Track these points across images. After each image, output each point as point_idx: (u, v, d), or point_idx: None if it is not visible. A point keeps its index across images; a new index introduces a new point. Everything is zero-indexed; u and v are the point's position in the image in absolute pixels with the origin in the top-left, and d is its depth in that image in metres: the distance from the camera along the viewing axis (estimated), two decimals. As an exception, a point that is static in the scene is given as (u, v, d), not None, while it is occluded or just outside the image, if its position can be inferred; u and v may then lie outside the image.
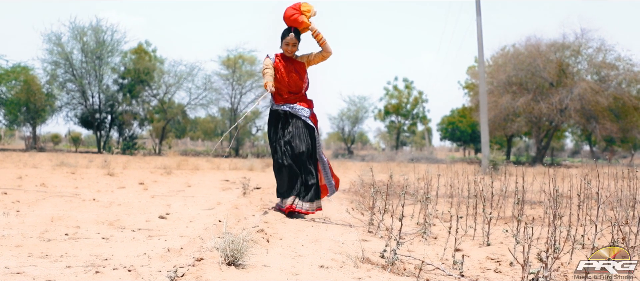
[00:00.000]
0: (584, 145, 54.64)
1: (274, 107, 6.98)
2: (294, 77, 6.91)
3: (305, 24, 6.83)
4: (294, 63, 6.98)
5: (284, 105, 6.90)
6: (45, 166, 17.05)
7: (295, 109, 6.90)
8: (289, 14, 6.87)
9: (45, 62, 36.54)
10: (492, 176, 8.35)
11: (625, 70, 32.81)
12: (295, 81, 6.91)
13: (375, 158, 37.62)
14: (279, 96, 6.98)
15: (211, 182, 13.28)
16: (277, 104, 6.95)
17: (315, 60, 6.99)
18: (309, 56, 7.03)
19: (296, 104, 6.92)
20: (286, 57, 7.00)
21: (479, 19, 24.72)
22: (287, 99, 6.93)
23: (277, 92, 6.97)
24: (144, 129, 43.18)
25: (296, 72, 6.94)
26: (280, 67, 6.94)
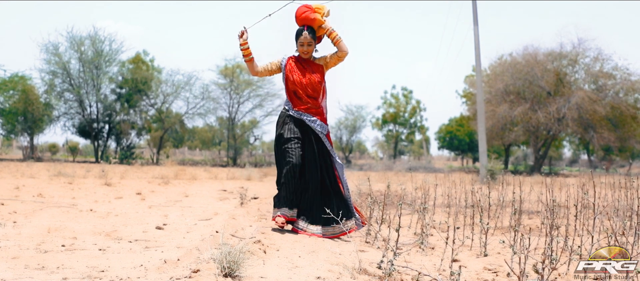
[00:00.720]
0: (581, 154, 54.69)
1: (291, 112, 6.29)
2: (312, 78, 6.31)
3: (319, 21, 6.28)
4: (311, 64, 6.40)
5: (304, 114, 6.25)
6: (43, 176, 17.03)
7: (314, 123, 6.24)
8: (301, 12, 6.35)
9: (42, 72, 36.56)
10: (489, 185, 8.35)
11: (623, 79, 32.87)
12: (313, 83, 6.29)
13: (373, 167, 37.62)
14: (298, 99, 6.32)
15: (208, 192, 13.27)
16: (296, 110, 6.28)
17: (332, 62, 6.41)
18: (326, 58, 6.43)
19: (316, 118, 6.28)
20: (302, 59, 6.41)
21: (476, 29, 24.76)
22: (308, 108, 6.27)
23: (295, 95, 6.33)
24: (141, 138, 43.16)
25: (313, 72, 6.35)
26: (294, 68, 6.35)
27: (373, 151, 65.82)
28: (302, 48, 6.30)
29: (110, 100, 38.56)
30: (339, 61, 6.40)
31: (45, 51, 35.92)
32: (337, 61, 6.40)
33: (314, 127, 6.23)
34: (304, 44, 6.28)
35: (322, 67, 6.40)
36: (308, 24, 6.31)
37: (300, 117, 6.23)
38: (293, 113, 6.27)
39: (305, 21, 6.31)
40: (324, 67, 6.41)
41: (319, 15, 6.31)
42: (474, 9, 24.79)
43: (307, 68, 6.35)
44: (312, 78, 6.30)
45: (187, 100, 40.32)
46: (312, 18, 6.29)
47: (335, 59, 6.38)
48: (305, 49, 6.30)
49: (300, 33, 6.30)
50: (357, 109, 50.92)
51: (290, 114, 6.30)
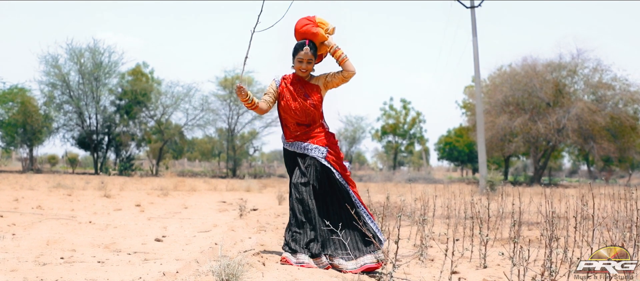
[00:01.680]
0: (581, 165, 54.68)
1: (285, 145, 5.66)
2: (303, 104, 5.52)
3: (322, 36, 5.55)
4: (305, 86, 5.62)
5: (293, 144, 5.57)
6: (42, 188, 17.02)
7: (307, 149, 5.50)
8: (302, 25, 5.60)
9: (42, 84, 36.57)
10: (489, 196, 8.34)
11: (622, 90, 32.91)
12: (304, 109, 5.51)
13: (372, 178, 37.61)
14: (287, 129, 5.64)
15: (208, 203, 13.26)
16: (288, 141, 5.62)
17: (334, 82, 5.60)
18: (325, 77, 5.64)
19: (308, 143, 5.52)
20: (297, 79, 5.64)
21: (475, 40, 24.82)
22: (297, 136, 5.55)
23: (284, 125, 5.66)
24: (141, 150, 43.14)
25: (306, 96, 5.57)
26: (286, 92, 5.60)
27: (372, 162, 65.84)
28: (301, 65, 5.53)
29: (110, 112, 38.58)
30: (344, 81, 5.61)
31: (44, 62, 35.97)
32: (341, 82, 5.61)
33: (310, 154, 5.49)
34: (304, 60, 5.52)
35: (319, 89, 5.64)
36: (309, 38, 5.58)
37: (292, 148, 5.57)
38: (286, 146, 5.65)
39: (306, 35, 5.58)
40: (321, 89, 5.64)
41: (322, 30, 5.57)
42: (473, 20, 24.86)
43: (301, 91, 5.60)
44: (305, 103, 5.53)
45: (186, 111, 40.34)
46: (314, 32, 5.56)
47: (340, 80, 5.58)
48: (304, 67, 5.54)
49: (300, 48, 5.54)
50: (356, 120, 50.89)
51: (284, 148, 5.71)
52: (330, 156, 5.54)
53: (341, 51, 5.55)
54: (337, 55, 5.54)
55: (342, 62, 5.54)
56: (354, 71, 5.57)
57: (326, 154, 5.51)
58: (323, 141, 5.56)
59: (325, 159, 5.49)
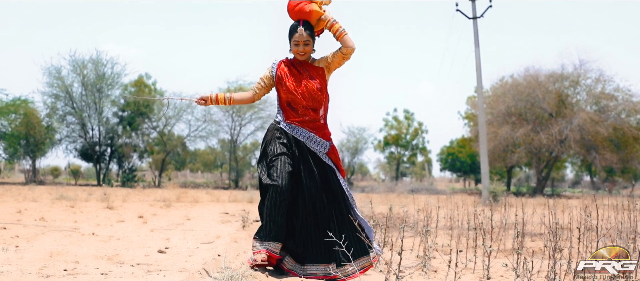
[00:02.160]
0: (584, 175, 54.63)
1: (283, 124, 5.18)
2: (310, 84, 5.15)
3: (317, 12, 5.15)
4: (309, 68, 5.24)
5: (296, 129, 5.12)
6: (45, 199, 17.02)
7: (311, 140, 5.12)
8: (294, 5, 5.20)
9: (45, 96, 36.68)
10: (492, 207, 8.33)
11: (624, 100, 32.90)
12: (311, 91, 5.13)
13: (375, 189, 37.58)
14: (292, 111, 5.20)
15: (210, 215, 13.25)
16: (289, 122, 5.16)
17: (335, 61, 5.21)
18: (326, 59, 5.26)
19: (313, 133, 5.13)
20: (298, 62, 5.27)
21: (477, 50, 24.85)
22: (304, 120, 5.13)
23: (289, 107, 5.21)
24: (143, 161, 43.19)
25: (312, 78, 5.19)
26: (287, 74, 5.22)
27: (375, 173, 65.81)
28: (297, 48, 5.18)
29: (113, 123, 38.66)
30: (344, 59, 5.21)
31: (47, 74, 36.08)
32: (342, 60, 5.21)
33: (310, 146, 5.10)
34: (300, 43, 5.15)
35: (323, 71, 5.27)
36: (303, 18, 5.19)
37: (293, 133, 5.12)
38: (284, 126, 5.16)
39: (299, 15, 5.19)
40: (325, 71, 5.28)
41: (316, 6, 5.19)
42: (475, 31, 24.89)
43: (304, 73, 5.22)
44: (310, 85, 5.16)
45: (189, 123, 40.43)
46: (308, 10, 5.16)
47: (340, 58, 5.20)
48: (301, 49, 5.18)
49: (294, 29, 5.19)
50: (359, 131, 50.94)
51: (280, 127, 5.19)
52: (332, 154, 5.20)
53: (339, 25, 5.15)
54: (334, 29, 5.15)
55: (340, 37, 5.15)
56: (353, 46, 5.17)
57: (328, 149, 5.17)
58: (328, 135, 5.24)
59: (328, 155, 5.16)
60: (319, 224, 5.00)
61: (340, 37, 5.13)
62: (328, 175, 5.11)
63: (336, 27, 5.13)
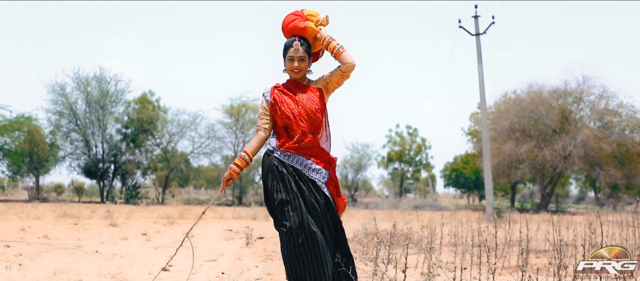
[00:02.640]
0: (588, 192, 54.47)
1: (277, 153, 4.75)
2: (308, 106, 4.74)
3: (312, 29, 4.87)
4: (305, 90, 4.85)
5: (293, 156, 4.70)
6: (48, 217, 17.02)
7: (309, 169, 4.70)
8: (288, 21, 4.93)
9: (49, 113, 36.72)
10: (496, 224, 8.30)
11: (628, 116, 32.86)
12: (309, 113, 4.72)
13: (379, 205, 37.50)
14: (288, 137, 4.77)
15: (214, 232, 13.24)
16: (283, 149, 4.73)
17: (334, 80, 4.84)
18: (324, 79, 4.90)
19: (311, 161, 4.71)
20: (293, 84, 4.89)
21: (480, 66, 24.88)
22: (299, 146, 4.70)
23: (286, 132, 4.79)
24: (147, 178, 43.14)
25: (309, 99, 4.78)
26: (281, 98, 4.82)
27: (379, 189, 65.65)
28: (292, 64, 4.80)
29: (116, 140, 38.67)
30: (344, 77, 4.84)
31: (51, 91, 36.13)
32: (342, 78, 4.85)
33: (309, 175, 4.68)
34: (295, 58, 4.79)
35: (321, 92, 4.88)
36: (298, 34, 4.89)
37: (288, 161, 4.71)
38: (278, 155, 4.73)
39: (294, 32, 4.89)
40: (323, 92, 4.89)
41: (311, 23, 4.91)
42: (478, 47, 24.94)
43: (300, 94, 4.83)
44: (308, 106, 4.74)
45: (192, 139, 40.41)
46: (303, 26, 4.88)
47: (339, 76, 4.83)
48: (297, 66, 4.80)
49: (289, 45, 4.83)
50: (362, 147, 50.86)
51: (275, 156, 4.75)
52: (331, 184, 4.78)
53: (336, 42, 4.80)
54: (330, 47, 4.80)
55: (338, 55, 4.78)
56: (353, 63, 4.77)
57: (327, 179, 4.73)
58: (326, 161, 4.81)
59: (327, 185, 4.72)
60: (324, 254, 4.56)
61: (338, 54, 4.77)
62: (328, 206, 4.67)
63: (333, 44, 4.79)
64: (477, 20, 24.96)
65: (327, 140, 4.91)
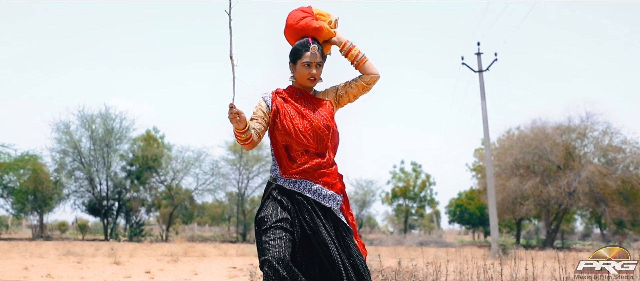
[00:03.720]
0: (594, 228, 54.20)
1: (280, 180, 3.95)
2: (315, 121, 3.93)
3: (327, 31, 4.02)
4: (312, 101, 4.04)
5: (299, 183, 3.89)
6: (52, 255, 16.97)
7: (320, 195, 3.89)
8: (298, 19, 4.03)
9: (53, 151, 36.82)
10: (501, 261, 8.25)
11: (632, 153, 32.81)
12: (317, 129, 3.92)
13: (383, 241, 37.33)
14: (290, 160, 3.95)
15: (218, 269, 13.17)
16: (287, 176, 3.92)
17: (351, 92, 4.07)
18: (336, 90, 4.13)
19: (321, 185, 3.89)
20: (298, 93, 4.07)
21: (483, 103, 24.93)
22: (306, 170, 3.89)
23: (287, 152, 3.97)
24: (151, 215, 43.09)
25: (317, 113, 3.98)
26: (284, 108, 3.98)
27: (383, 225, 65.42)
28: (309, 71, 3.97)
29: (121, 177, 38.71)
30: (365, 90, 4.07)
31: (56, 130, 36.28)
32: (362, 91, 4.08)
33: (320, 201, 3.88)
34: (312, 64, 3.96)
35: (331, 105, 4.08)
36: (311, 35, 4.03)
37: (294, 188, 3.89)
38: (282, 183, 3.93)
39: (306, 32, 4.02)
40: (333, 105, 4.10)
41: (325, 24, 4.06)
42: (481, 84, 25.02)
43: (306, 106, 4.01)
44: (316, 122, 3.94)
45: (196, 176, 40.42)
46: (317, 27, 4.01)
47: (359, 89, 4.06)
48: (314, 73, 3.98)
49: (304, 47, 3.97)
50: (366, 183, 50.82)
51: (279, 184, 3.95)
52: (346, 210, 4.05)
53: (358, 49, 4.05)
54: (353, 54, 4.04)
55: (361, 64, 4.03)
56: (378, 74, 4.06)
57: (341, 203, 4.00)
58: (338, 186, 4.02)
59: (342, 211, 3.99)
60: None
61: (361, 63, 4.02)
62: (346, 237, 3.92)
63: (355, 51, 4.04)
64: (480, 57, 25.07)
65: (333, 155, 4.11)
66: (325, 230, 3.83)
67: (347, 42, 4.05)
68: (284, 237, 3.75)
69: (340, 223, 3.92)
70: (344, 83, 4.12)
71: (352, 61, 4.04)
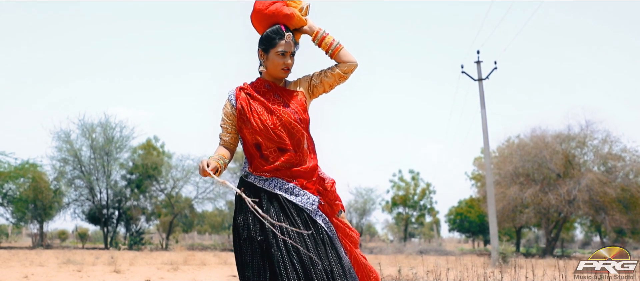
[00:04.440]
0: (594, 236, 54.16)
1: (251, 178, 3.73)
2: (285, 115, 3.68)
3: (299, 18, 3.77)
4: (281, 93, 3.79)
5: (271, 180, 3.66)
6: (52, 264, 16.97)
7: (294, 194, 3.63)
8: (268, 3, 3.76)
9: (53, 159, 36.81)
10: (501, 269, 8.27)
11: (632, 161, 32.85)
12: (287, 124, 3.67)
13: (383, 250, 37.30)
14: (261, 158, 3.71)
15: (218, 278, 13.18)
16: (258, 174, 3.69)
17: (327, 82, 3.79)
18: (310, 79, 3.85)
19: (295, 185, 3.64)
20: (265, 86, 3.81)
21: (483, 111, 24.96)
22: (277, 170, 3.65)
23: (258, 150, 3.74)
24: (151, 224, 43.06)
25: (287, 105, 3.73)
26: (250, 105, 3.74)
27: (383, 233, 65.38)
28: (283, 61, 3.73)
29: (121, 186, 38.69)
30: (342, 79, 3.79)
31: (56, 138, 36.29)
32: (340, 80, 3.79)
33: (297, 202, 3.62)
34: (287, 53, 3.72)
35: (303, 96, 3.81)
36: (281, 21, 3.76)
37: (265, 186, 3.66)
38: (253, 180, 3.72)
39: (277, 18, 3.74)
40: (305, 95, 3.82)
41: (296, 10, 3.79)
42: (481, 92, 25.06)
43: (275, 100, 3.75)
44: (286, 116, 3.69)
45: (196, 185, 40.39)
46: (288, 13, 3.75)
47: (336, 78, 3.77)
48: (289, 63, 3.75)
49: (278, 34, 3.72)
50: (366, 191, 50.79)
51: (249, 182, 3.74)
52: (326, 208, 3.77)
53: (332, 37, 3.78)
54: (326, 42, 3.78)
55: (337, 52, 3.75)
56: (356, 62, 3.75)
57: (318, 203, 3.70)
58: (315, 187, 3.75)
59: (319, 208, 3.71)
60: None
61: (336, 51, 3.75)
62: (325, 240, 3.63)
63: (328, 40, 3.77)
64: (480, 66, 25.11)
65: (310, 154, 3.81)
66: (302, 236, 3.54)
67: (320, 30, 3.78)
68: (256, 254, 3.56)
69: (318, 227, 3.64)
70: (318, 72, 3.84)
71: (327, 49, 3.78)
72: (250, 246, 3.60)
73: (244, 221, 3.64)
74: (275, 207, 3.61)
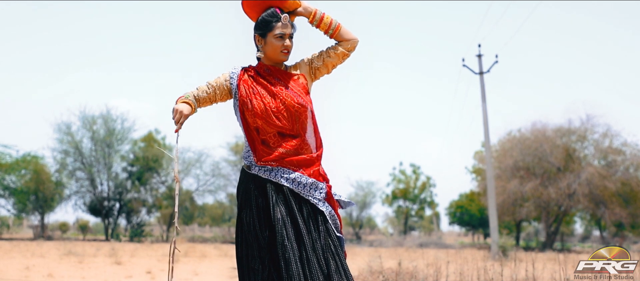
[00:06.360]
0: (594, 230, 54.20)
1: (255, 169, 3.62)
2: (288, 99, 3.59)
3: (292, 2, 3.66)
4: (282, 76, 3.69)
5: (275, 171, 3.54)
6: (53, 255, 17.01)
7: (299, 185, 3.53)
8: None
9: (55, 151, 36.85)
10: (501, 262, 8.29)
11: (632, 155, 32.83)
12: (290, 108, 3.57)
13: (383, 243, 37.35)
14: (263, 145, 3.61)
15: (219, 270, 13.21)
16: (262, 164, 3.58)
17: (330, 62, 3.73)
18: (310, 62, 3.79)
19: (302, 173, 3.55)
20: (266, 70, 3.70)
21: (484, 105, 24.97)
22: (281, 157, 3.54)
23: (257, 140, 3.62)
24: (151, 216, 43.14)
25: (289, 88, 3.64)
26: (254, 88, 3.64)
27: (383, 226, 65.48)
28: (282, 43, 3.64)
29: (122, 178, 38.73)
30: (345, 57, 3.72)
31: (58, 130, 36.31)
32: (342, 59, 3.72)
33: (302, 193, 3.53)
34: (285, 35, 3.63)
35: (304, 79, 3.74)
36: (275, 6, 3.67)
37: (270, 177, 3.56)
38: (257, 172, 3.60)
39: (269, 1, 3.66)
40: (307, 78, 3.75)
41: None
42: (482, 86, 25.04)
43: (276, 83, 3.65)
44: (289, 99, 3.59)
45: (197, 177, 40.47)
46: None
47: (339, 57, 3.71)
48: (288, 45, 3.65)
49: (274, 17, 3.63)
50: (366, 185, 50.86)
51: (253, 174, 3.63)
52: (331, 199, 3.67)
53: (330, 17, 3.69)
54: (326, 22, 3.69)
55: (337, 31, 3.68)
56: (357, 38, 3.71)
57: (326, 194, 3.62)
58: (320, 172, 3.66)
59: (327, 201, 3.62)
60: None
61: (337, 30, 3.68)
62: (330, 232, 3.56)
63: (327, 19, 3.69)
64: (481, 59, 25.09)
65: (315, 141, 3.74)
66: (306, 225, 3.50)
67: (317, 11, 3.68)
68: (261, 249, 3.52)
69: (323, 221, 3.55)
70: (317, 54, 3.78)
71: (327, 29, 3.69)
72: (255, 241, 3.55)
73: (250, 216, 3.59)
74: (280, 199, 3.52)
